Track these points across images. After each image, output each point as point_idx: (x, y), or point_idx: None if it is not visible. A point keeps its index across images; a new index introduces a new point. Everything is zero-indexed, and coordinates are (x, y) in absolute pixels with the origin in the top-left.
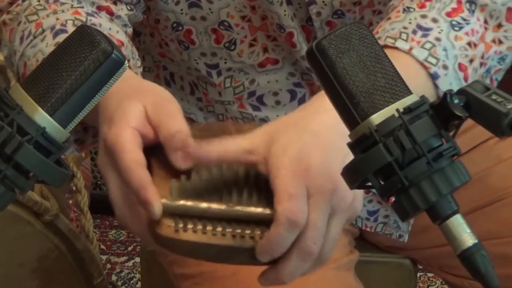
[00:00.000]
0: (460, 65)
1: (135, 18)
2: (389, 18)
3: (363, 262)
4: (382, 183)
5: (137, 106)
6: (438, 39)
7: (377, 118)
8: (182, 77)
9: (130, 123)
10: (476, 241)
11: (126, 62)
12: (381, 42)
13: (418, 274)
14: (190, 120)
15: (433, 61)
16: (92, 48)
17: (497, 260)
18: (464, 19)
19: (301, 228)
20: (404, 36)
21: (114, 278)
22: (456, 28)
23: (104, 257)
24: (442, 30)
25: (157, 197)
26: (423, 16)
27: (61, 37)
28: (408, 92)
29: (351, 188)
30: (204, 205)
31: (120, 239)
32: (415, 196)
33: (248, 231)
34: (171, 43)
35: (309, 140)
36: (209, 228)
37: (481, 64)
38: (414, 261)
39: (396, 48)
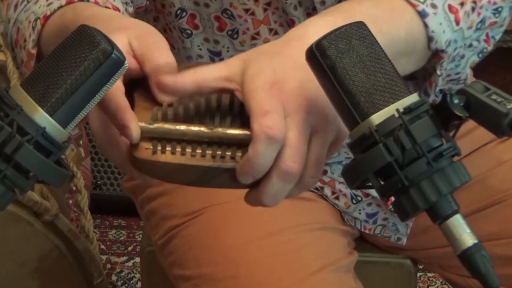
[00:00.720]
0: (450, 6)
1: (137, 1)
2: None
3: (363, 262)
4: (382, 183)
5: (121, 38)
6: None
7: (377, 118)
8: None
9: None
10: (476, 241)
11: (126, 62)
12: None
13: (418, 274)
14: None
15: None
16: (92, 48)
17: (498, 261)
18: None
19: (279, 144)
20: None
21: (114, 278)
22: None
23: (104, 257)
24: None
25: (135, 120)
26: None
27: None
28: (408, 92)
29: (351, 188)
30: (183, 127)
31: (120, 239)
32: (415, 196)
33: (228, 153)
34: (174, 30)
35: (282, 62)
36: (188, 149)
37: (473, 9)
38: (415, 260)
39: None
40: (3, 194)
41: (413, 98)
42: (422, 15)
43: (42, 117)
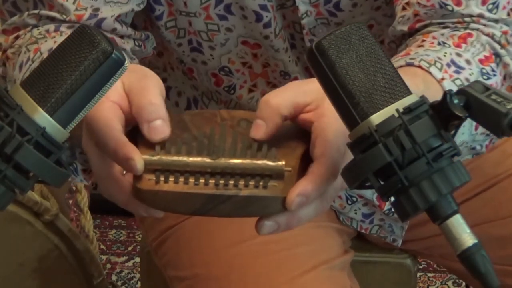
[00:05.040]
0: None
1: (141, 54)
2: (422, 46)
3: (363, 262)
4: (382, 183)
5: (118, 83)
6: (467, 80)
7: (377, 118)
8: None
9: (109, 97)
10: (476, 241)
11: (126, 62)
12: (415, 63)
13: (418, 274)
14: None
15: None
16: (92, 48)
17: (496, 243)
18: (492, 70)
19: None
20: (438, 65)
21: (114, 278)
22: (485, 77)
23: (104, 257)
24: (472, 73)
25: (137, 152)
26: (458, 55)
27: None
28: (408, 92)
29: (351, 188)
30: (185, 157)
31: (120, 239)
32: (415, 196)
33: (231, 181)
34: (176, 69)
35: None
36: (191, 179)
37: None
38: (415, 253)
39: (430, 73)
40: (3, 194)
41: (412, 98)
42: None
43: (42, 117)
